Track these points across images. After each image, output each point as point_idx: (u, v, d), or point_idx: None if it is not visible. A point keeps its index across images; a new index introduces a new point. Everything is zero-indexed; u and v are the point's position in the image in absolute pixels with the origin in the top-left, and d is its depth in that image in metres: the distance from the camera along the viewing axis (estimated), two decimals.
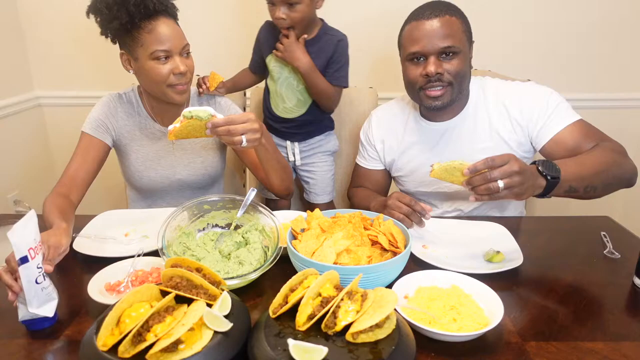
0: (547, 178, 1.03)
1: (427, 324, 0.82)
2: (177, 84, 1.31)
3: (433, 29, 1.21)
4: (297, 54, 1.50)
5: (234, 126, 1.09)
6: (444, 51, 1.21)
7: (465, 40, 1.25)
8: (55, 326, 0.89)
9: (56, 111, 2.24)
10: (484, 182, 0.99)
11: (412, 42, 1.24)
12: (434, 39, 1.21)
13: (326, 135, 1.73)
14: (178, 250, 1.07)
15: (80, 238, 1.19)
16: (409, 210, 1.16)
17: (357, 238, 1.04)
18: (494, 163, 0.98)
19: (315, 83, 1.54)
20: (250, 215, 1.16)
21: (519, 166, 0.98)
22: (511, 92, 1.31)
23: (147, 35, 1.25)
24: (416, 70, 1.26)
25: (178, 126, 1.09)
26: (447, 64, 1.22)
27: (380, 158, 1.50)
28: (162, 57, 1.26)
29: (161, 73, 1.28)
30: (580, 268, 1.07)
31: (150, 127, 1.45)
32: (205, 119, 1.08)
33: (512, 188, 0.98)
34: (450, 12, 1.23)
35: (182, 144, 1.48)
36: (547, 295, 0.97)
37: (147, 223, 1.29)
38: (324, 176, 1.75)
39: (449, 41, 1.21)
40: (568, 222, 1.33)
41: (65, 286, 1.01)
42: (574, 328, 0.86)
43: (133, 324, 0.70)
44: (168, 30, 1.26)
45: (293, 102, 1.61)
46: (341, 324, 0.73)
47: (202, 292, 0.79)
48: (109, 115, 1.42)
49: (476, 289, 0.92)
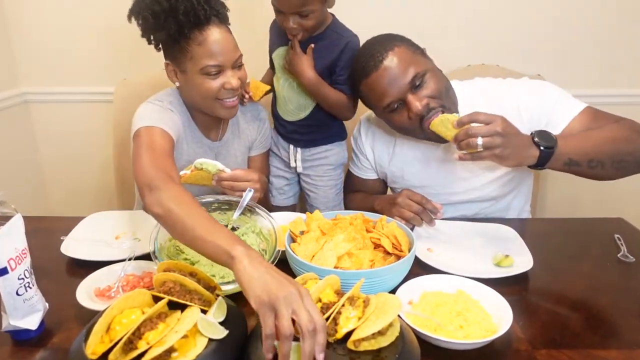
0: (540, 148, 1.03)
1: (433, 331, 0.82)
2: (228, 98, 1.25)
3: (389, 72, 1.17)
4: (299, 67, 1.42)
5: (238, 183, 1.18)
6: (413, 83, 1.17)
7: (421, 58, 1.21)
8: (42, 334, 0.89)
9: (44, 108, 2.23)
10: (465, 137, 1.01)
11: (380, 96, 1.20)
12: (397, 79, 1.16)
13: (334, 145, 1.61)
14: (171, 253, 1.07)
15: (69, 240, 1.19)
16: (420, 208, 1.16)
17: (359, 241, 1.04)
18: (477, 117, 1.00)
19: (323, 97, 1.46)
20: (247, 217, 1.16)
21: (502, 128, 0.99)
22: (506, 93, 1.27)
23: (197, 47, 1.17)
24: (401, 116, 1.21)
25: (188, 173, 1.18)
26: (425, 91, 1.18)
27: (373, 167, 1.46)
28: (213, 72, 1.20)
29: (211, 88, 1.21)
30: (593, 272, 1.07)
31: (198, 139, 1.37)
32: (213, 172, 1.17)
33: (493, 149, 1.00)
34: (389, 46, 1.18)
35: (225, 157, 1.43)
36: (558, 301, 0.97)
37: (138, 225, 1.29)
38: (327, 191, 1.65)
39: (411, 72, 1.16)
40: (580, 224, 1.33)
41: (53, 291, 1.00)
42: (587, 335, 0.86)
43: (124, 331, 0.70)
44: (220, 41, 1.18)
45: (294, 105, 1.54)
46: (342, 331, 0.73)
47: (196, 298, 0.79)
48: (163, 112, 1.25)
49: (484, 295, 0.92)
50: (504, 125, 1.00)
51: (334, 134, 1.61)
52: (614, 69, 2.08)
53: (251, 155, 1.54)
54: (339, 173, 1.66)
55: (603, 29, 2.03)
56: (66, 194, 2.21)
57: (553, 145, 1.03)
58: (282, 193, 1.73)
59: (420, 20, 1.96)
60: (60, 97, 2.19)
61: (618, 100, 2.09)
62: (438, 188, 1.36)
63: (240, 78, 1.25)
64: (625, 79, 2.10)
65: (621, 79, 2.10)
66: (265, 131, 1.54)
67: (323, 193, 1.65)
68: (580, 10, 2.00)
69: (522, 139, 1.04)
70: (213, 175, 1.18)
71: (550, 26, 2.03)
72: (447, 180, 1.35)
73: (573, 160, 1.06)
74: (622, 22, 2.01)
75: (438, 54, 1.44)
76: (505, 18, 2.01)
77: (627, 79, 2.10)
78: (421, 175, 1.37)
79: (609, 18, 2.00)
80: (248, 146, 1.51)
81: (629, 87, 2.10)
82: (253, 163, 1.54)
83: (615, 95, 2.09)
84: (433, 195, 1.31)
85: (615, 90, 2.10)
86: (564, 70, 2.04)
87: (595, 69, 2.08)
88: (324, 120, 1.55)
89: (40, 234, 1.32)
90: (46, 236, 1.25)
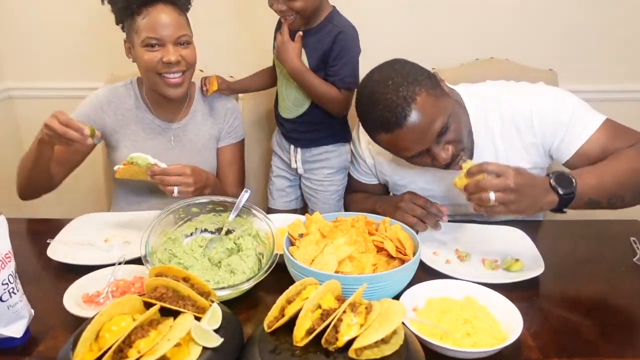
0: (559, 192, 1.01)
1: (438, 339, 0.82)
2: (167, 73, 1.34)
3: (415, 130, 1.08)
4: (284, 55, 1.44)
5: (167, 178, 1.23)
6: (440, 134, 1.11)
7: (442, 99, 1.12)
8: (27, 342, 0.88)
9: (28, 104, 2.23)
10: (476, 190, 0.98)
11: (403, 150, 1.14)
12: (424, 136, 1.09)
13: (336, 146, 1.60)
14: (163, 257, 1.07)
15: (56, 244, 1.19)
16: (424, 212, 1.16)
17: (361, 244, 1.04)
18: (487, 168, 0.98)
19: (309, 87, 1.45)
20: (243, 219, 1.16)
21: (515, 182, 0.96)
22: (517, 105, 1.22)
23: (141, 21, 1.31)
24: (424, 161, 1.17)
25: (122, 167, 1.23)
26: (448, 136, 1.12)
27: (373, 172, 1.44)
28: (153, 44, 1.32)
29: (151, 60, 1.33)
30: (608, 277, 1.07)
31: (149, 122, 1.48)
32: (143, 166, 1.21)
33: (508, 205, 0.97)
34: (410, 97, 1.07)
35: (181, 140, 1.50)
36: (570, 307, 0.97)
37: (129, 227, 1.29)
38: (327, 197, 1.64)
39: (437, 125, 1.09)
40: (594, 227, 1.33)
41: (38, 297, 1.00)
42: (601, 344, 0.86)
43: (113, 339, 0.69)
44: (163, 17, 1.31)
45: (291, 100, 1.55)
46: (343, 339, 0.72)
47: (189, 304, 0.79)
48: (98, 109, 1.45)
49: (492, 301, 0.92)
50: (516, 178, 0.96)
51: (335, 134, 1.60)
52: (626, 64, 2.08)
53: (220, 146, 1.57)
54: (341, 178, 1.64)
55: (617, 22, 2.02)
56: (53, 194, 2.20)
57: (572, 191, 1.01)
58: (283, 195, 1.73)
59: (427, 13, 1.96)
60: (46, 92, 2.19)
61: (633, 96, 2.10)
62: (443, 198, 1.33)
63: (184, 57, 1.35)
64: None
65: (635, 74, 2.10)
66: (234, 121, 1.57)
67: (323, 199, 1.65)
68: (593, 3, 2.00)
69: (538, 187, 1.00)
70: (146, 170, 1.22)
71: (562, 19, 2.02)
72: (456, 192, 1.33)
73: (593, 200, 1.05)
74: (637, 15, 2.01)
75: (445, 47, 1.44)
76: (514, 10, 2.01)
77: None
78: (425, 184, 1.34)
79: (624, 10, 2.00)
80: (215, 135, 1.55)
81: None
82: (222, 155, 1.58)
83: (629, 91, 2.09)
84: (441, 200, 1.29)
85: (628, 85, 2.10)
86: (576, 65, 2.03)
87: (608, 64, 2.08)
88: (322, 118, 1.54)
89: (26, 237, 1.32)
90: (32, 239, 1.25)
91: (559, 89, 1.27)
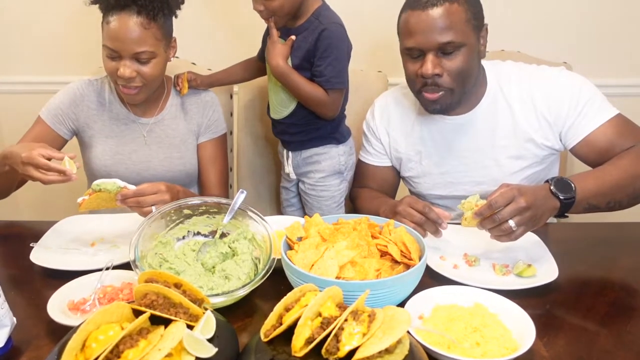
0: (560, 198, 1.09)
1: (446, 348, 0.82)
2: (121, 84, 1.39)
3: (430, 21, 1.20)
4: (269, 55, 1.46)
5: (144, 198, 1.20)
6: (443, 48, 1.21)
7: (470, 30, 1.23)
8: (9, 352, 0.88)
9: (9, 99, 2.24)
10: (495, 225, 1.05)
11: (407, 35, 1.25)
12: (431, 33, 1.20)
13: (326, 148, 1.59)
14: (153, 262, 1.07)
15: (39, 248, 1.19)
16: (422, 218, 1.16)
17: (364, 248, 1.04)
18: (497, 204, 1.04)
19: (294, 88, 1.46)
20: (239, 221, 1.16)
21: (526, 200, 1.04)
22: (537, 81, 1.32)
23: (106, 26, 1.35)
24: (413, 66, 1.27)
25: (87, 198, 1.18)
26: (447, 62, 1.22)
27: (387, 152, 1.51)
28: (109, 55, 1.36)
29: (108, 68, 1.38)
30: (625, 283, 1.08)
31: (123, 117, 1.50)
32: (113, 191, 1.18)
33: (527, 224, 1.06)
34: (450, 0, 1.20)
35: (158, 136, 1.52)
36: (585, 315, 0.97)
37: (117, 231, 1.29)
38: (322, 203, 1.64)
39: (448, 36, 1.20)
40: (609, 230, 1.34)
41: (22, 304, 1.01)
42: (618, 354, 0.86)
43: (101, 348, 0.70)
44: (123, 30, 1.32)
45: (277, 101, 1.56)
46: (345, 349, 0.72)
47: (181, 312, 0.79)
48: (72, 103, 1.48)
49: (503, 308, 0.92)
50: (525, 197, 1.04)
51: (325, 136, 1.59)
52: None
53: (201, 142, 1.59)
54: (336, 183, 1.63)
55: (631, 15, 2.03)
56: (36, 195, 2.21)
57: (572, 196, 1.10)
58: (289, 205, 1.75)
59: None
60: (25, 87, 2.19)
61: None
62: (459, 176, 1.39)
63: (142, 73, 1.37)
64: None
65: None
66: (213, 114, 1.61)
67: (317, 204, 1.65)
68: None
69: (541, 196, 1.08)
70: (115, 195, 1.19)
71: (575, 11, 2.03)
72: (469, 168, 1.38)
73: (592, 205, 1.15)
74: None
75: None
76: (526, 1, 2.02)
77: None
78: (440, 159, 1.40)
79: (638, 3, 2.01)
80: (195, 130, 1.58)
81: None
82: (203, 151, 1.60)
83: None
84: (453, 184, 1.37)
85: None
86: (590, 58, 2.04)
87: (622, 58, 2.09)
88: (309, 119, 1.55)
89: (8, 241, 1.33)
90: (14, 243, 1.26)
91: (580, 76, 1.34)
